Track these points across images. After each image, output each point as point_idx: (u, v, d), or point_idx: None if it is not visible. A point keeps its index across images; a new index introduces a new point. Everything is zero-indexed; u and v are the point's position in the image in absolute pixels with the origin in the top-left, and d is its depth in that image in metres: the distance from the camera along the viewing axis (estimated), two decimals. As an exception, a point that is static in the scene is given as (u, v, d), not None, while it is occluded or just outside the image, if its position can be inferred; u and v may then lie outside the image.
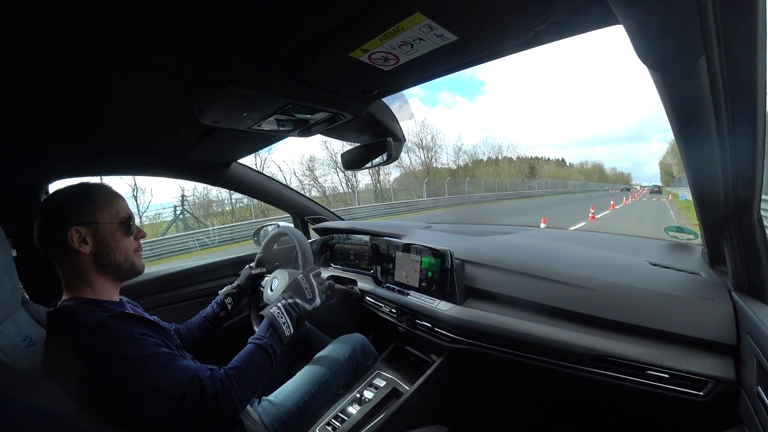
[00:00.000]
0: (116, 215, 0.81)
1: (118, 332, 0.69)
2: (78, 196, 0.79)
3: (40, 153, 1.08)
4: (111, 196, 0.82)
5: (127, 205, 0.86)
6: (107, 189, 0.83)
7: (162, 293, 1.57)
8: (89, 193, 0.80)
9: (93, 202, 0.79)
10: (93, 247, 0.77)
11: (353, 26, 0.55)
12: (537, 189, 43.03)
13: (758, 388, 0.61)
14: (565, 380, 0.93)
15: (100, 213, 0.79)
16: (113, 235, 0.80)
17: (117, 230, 0.81)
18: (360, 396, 1.14)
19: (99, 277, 0.80)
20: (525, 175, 52.52)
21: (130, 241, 0.84)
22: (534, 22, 0.55)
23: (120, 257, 0.81)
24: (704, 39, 0.45)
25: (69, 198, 0.78)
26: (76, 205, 0.77)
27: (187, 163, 1.45)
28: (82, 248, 0.76)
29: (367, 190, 26.09)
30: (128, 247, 0.83)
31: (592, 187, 72.57)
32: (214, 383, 0.73)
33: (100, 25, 0.51)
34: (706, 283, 0.86)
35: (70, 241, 0.74)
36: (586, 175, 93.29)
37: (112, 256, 0.80)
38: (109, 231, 0.80)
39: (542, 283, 1.01)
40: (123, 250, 0.82)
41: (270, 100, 0.76)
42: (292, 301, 0.97)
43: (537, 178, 54.60)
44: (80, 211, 0.77)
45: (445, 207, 21.71)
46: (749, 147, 0.57)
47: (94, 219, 0.78)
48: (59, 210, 0.77)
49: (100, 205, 0.79)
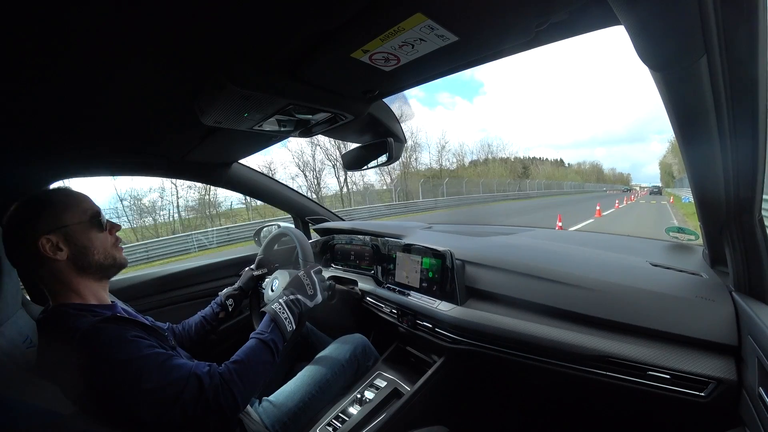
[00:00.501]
0: (84, 213, 0.78)
1: (111, 335, 0.68)
2: (40, 205, 0.76)
3: (40, 153, 1.08)
4: (74, 197, 0.80)
5: (92, 201, 0.83)
6: (68, 190, 0.81)
7: (161, 294, 1.57)
8: (50, 199, 0.77)
9: (56, 206, 0.76)
10: (68, 251, 0.74)
11: (354, 27, 0.55)
12: (528, 190, 40.84)
13: (759, 388, 0.61)
14: (566, 381, 0.93)
15: (66, 215, 0.76)
16: (86, 235, 0.77)
17: (88, 228, 0.78)
18: (361, 396, 1.14)
19: (82, 280, 0.77)
20: (518, 176, 50.51)
21: (105, 236, 0.81)
22: (535, 23, 0.55)
23: (99, 255, 0.79)
24: (705, 39, 0.45)
25: (31, 209, 0.75)
26: (41, 214, 0.74)
27: (188, 164, 1.45)
28: (57, 255, 0.73)
29: (335, 196, 25.05)
30: (105, 242, 0.81)
31: (589, 188, 71.67)
32: (213, 378, 0.72)
33: (101, 25, 0.51)
34: (707, 283, 0.86)
35: (44, 251, 0.72)
36: (584, 176, 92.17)
37: (91, 255, 0.77)
38: (81, 231, 0.77)
39: (543, 284, 1.01)
40: (100, 247, 0.79)
41: (271, 100, 0.76)
42: (294, 297, 0.97)
43: (531, 178, 52.46)
44: (46, 218, 0.74)
45: (415, 212, 19.40)
46: (750, 148, 0.57)
47: (63, 223, 0.75)
48: (24, 223, 0.73)
49: (64, 207, 0.76)
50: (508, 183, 38.15)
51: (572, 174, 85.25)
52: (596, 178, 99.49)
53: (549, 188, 50.24)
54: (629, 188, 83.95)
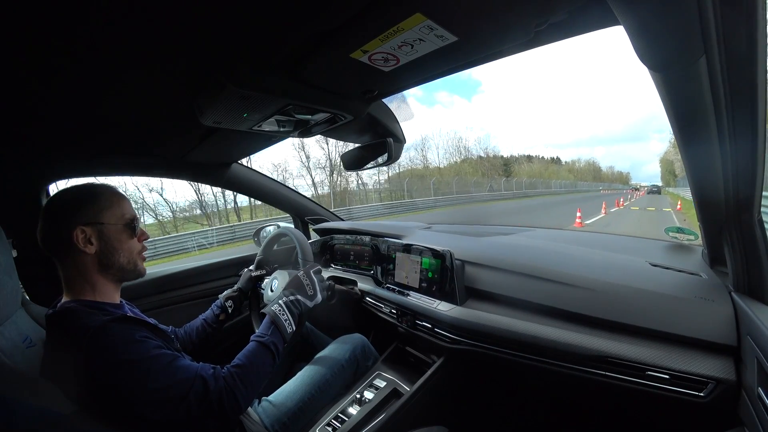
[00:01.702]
0: (122, 216, 0.81)
1: (120, 335, 0.69)
2: (84, 196, 0.78)
3: (40, 153, 1.08)
4: (116, 197, 0.82)
5: (132, 206, 0.86)
6: (113, 190, 0.83)
7: (161, 294, 1.57)
8: (95, 193, 0.80)
9: (99, 202, 0.79)
10: (98, 247, 0.77)
11: (353, 27, 0.55)
12: (503, 190, 34.31)
13: (759, 389, 0.61)
14: (565, 381, 0.93)
15: (105, 214, 0.79)
16: (118, 237, 0.80)
17: (122, 231, 0.81)
18: (360, 396, 1.14)
19: (101, 278, 0.79)
20: (499, 174, 46.35)
21: (134, 242, 0.84)
22: (534, 23, 0.55)
23: (123, 259, 0.81)
24: (704, 39, 0.45)
25: (75, 197, 0.78)
26: (82, 205, 0.77)
27: (188, 164, 1.45)
28: (87, 248, 0.75)
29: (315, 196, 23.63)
30: (132, 248, 0.83)
31: (583, 188, 67.31)
32: (218, 381, 0.73)
33: (101, 26, 0.51)
34: (707, 283, 0.86)
35: (75, 240, 0.74)
36: (579, 175, 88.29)
37: (116, 257, 0.80)
38: (114, 232, 0.79)
39: (542, 284, 1.01)
40: (127, 252, 0.82)
41: (270, 100, 0.76)
42: (294, 298, 0.97)
43: (513, 177, 46.33)
44: (86, 211, 0.77)
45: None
46: (749, 148, 0.57)
47: (100, 219, 0.78)
48: (65, 209, 0.76)
49: (105, 205, 0.79)
50: (474, 182, 32.58)
51: (564, 172, 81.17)
52: (593, 176, 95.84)
53: (533, 187, 43.73)
54: (637, 187, 78.73)
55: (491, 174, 45.02)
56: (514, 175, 52.46)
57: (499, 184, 36.02)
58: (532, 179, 48.28)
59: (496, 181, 37.37)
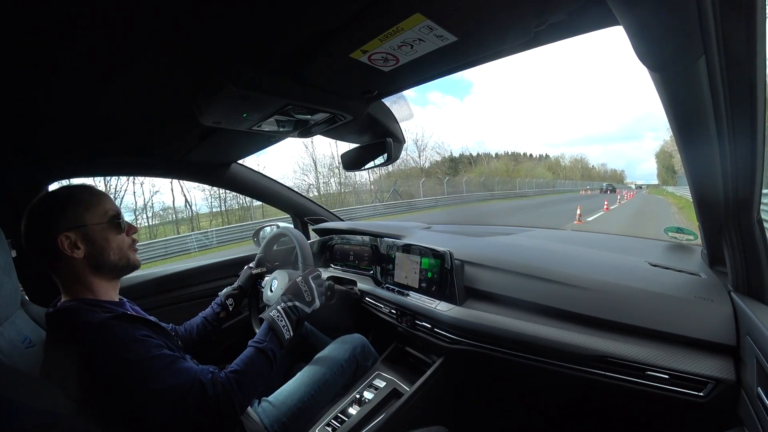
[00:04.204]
0: (104, 214, 0.79)
1: (121, 333, 0.69)
2: (61, 201, 0.76)
3: (40, 153, 1.08)
4: (95, 196, 0.80)
5: (113, 201, 0.84)
6: (91, 189, 0.81)
7: (162, 294, 1.57)
8: (72, 196, 0.77)
9: (79, 204, 0.77)
10: (86, 250, 0.75)
11: (353, 27, 0.55)
12: (444, 195, 24.54)
13: (758, 389, 0.61)
14: (565, 381, 0.93)
15: (87, 215, 0.77)
16: (104, 235, 0.78)
17: (107, 229, 0.79)
18: (360, 396, 1.14)
19: (96, 278, 0.79)
20: (444, 173, 36.52)
21: (122, 238, 0.82)
22: (534, 23, 0.55)
23: (114, 256, 0.80)
24: (704, 40, 0.45)
25: (52, 205, 0.76)
26: (62, 211, 0.75)
27: (188, 164, 1.45)
28: (74, 253, 0.74)
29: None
30: (122, 244, 0.82)
31: (562, 188, 57.03)
32: (216, 386, 0.73)
33: (100, 26, 0.51)
34: (706, 283, 0.86)
35: (62, 248, 0.73)
36: (564, 173, 77.52)
37: (107, 256, 0.79)
38: (100, 231, 0.78)
39: (542, 284, 1.01)
40: (117, 249, 0.80)
41: (270, 100, 0.76)
42: (291, 305, 0.97)
43: (464, 176, 35.95)
44: (67, 216, 0.75)
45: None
46: (749, 148, 0.57)
47: (82, 222, 0.76)
48: (45, 219, 0.74)
49: (86, 206, 0.77)
50: (397, 183, 24.83)
51: (541, 169, 68.68)
52: (581, 175, 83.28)
53: (488, 189, 32.02)
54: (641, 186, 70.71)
55: (433, 172, 36.58)
56: (466, 174, 41.74)
57: (441, 184, 27.07)
58: (482, 178, 35.72)
59: (438, 180, 28.85)
